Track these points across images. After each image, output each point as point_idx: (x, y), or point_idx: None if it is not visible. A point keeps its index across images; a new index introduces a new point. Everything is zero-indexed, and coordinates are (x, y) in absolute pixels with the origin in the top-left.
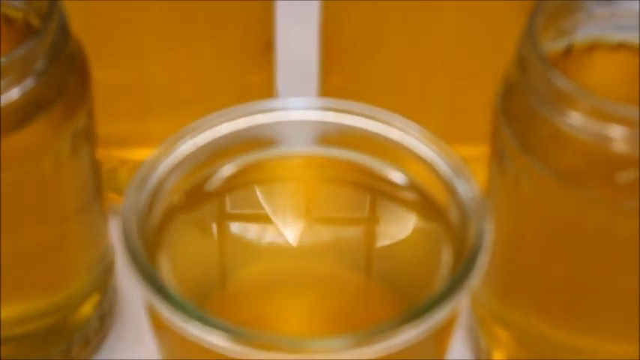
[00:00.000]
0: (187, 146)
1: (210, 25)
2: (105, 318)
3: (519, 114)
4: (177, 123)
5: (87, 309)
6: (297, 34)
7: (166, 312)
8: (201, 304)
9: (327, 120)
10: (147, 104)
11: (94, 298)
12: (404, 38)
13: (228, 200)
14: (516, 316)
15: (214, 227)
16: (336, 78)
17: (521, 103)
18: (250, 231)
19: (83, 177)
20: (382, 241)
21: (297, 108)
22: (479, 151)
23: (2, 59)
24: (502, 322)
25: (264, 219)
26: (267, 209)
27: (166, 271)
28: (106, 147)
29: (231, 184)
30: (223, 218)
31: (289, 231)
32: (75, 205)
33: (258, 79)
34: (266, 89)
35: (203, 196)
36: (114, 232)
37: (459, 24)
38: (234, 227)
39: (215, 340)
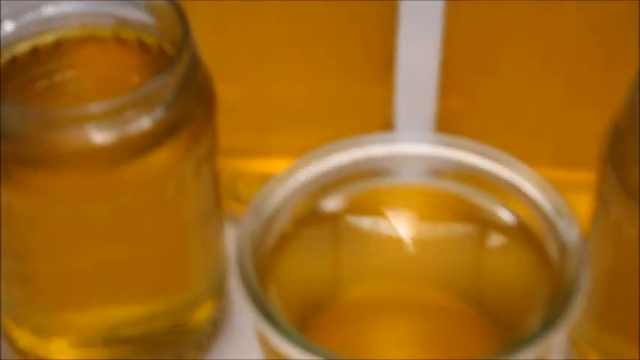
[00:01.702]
0: (302, 175)
1: (333, 44)
2: (218, 323)
3: (626, 160)
4: (296, 137)
5: (201, 314)
6: (418, 55)
7: (274, 338)
8: (307, 327)
9: (436, 154)
10: (268, 119)
11: (209, 304)
12: (523, 62)
13: (338, 227)
14: (612, 343)
15: (324, 252)
16: (455, 99)
17: (628, 150)
18: (357, 256)
19: (204, 192)
20: (484, 272)
21: (409, 141)
22: (591, 177)
23: (134, 92)
24: (597, 348)
25: (372, 245)
26: (377, 236)
27: (276, 294)
28: (227, 157)
29: (343, 211)
30: (333, 244)
31: (397, 257)
32: (194, 218)
33: (377, 98)
34: (384, 108)
35: (315, 222)
36: (230, 239)
37: (580, 49)
38: (342, 253)
39: None
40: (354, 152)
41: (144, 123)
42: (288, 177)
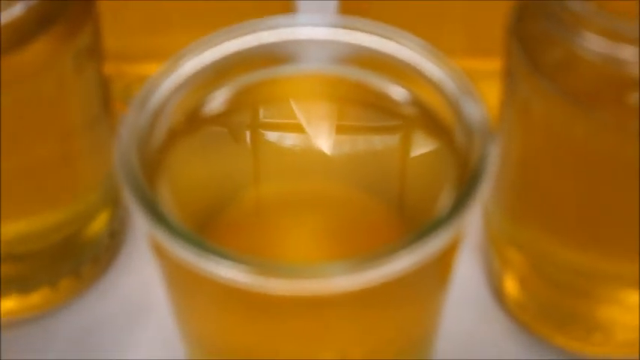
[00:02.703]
0: (191, 65)
1: None
2: (115, 235)
3: (531, 34)
4: (192, 38)
5: (97, 226)
6: None
7: (164, 238)
8: (202, 229)
9: (335, 38)
10: (162, 20)
11: (105, 215)
12: None
13: (231, 121)
14: (528, 237)
15: (216, 148)
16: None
17: (533, 24)
18: (251, 152)
19: (88, 93)
20: (388, 162)
21: (305, 25)
22: (497, 64)
23: None
24: (514, 243)
25: (270, 141)
26: (272, 129)
27: (167, 194)
28: (122, 62)
29: (236, 103)
30: (228, 141)
31: (297, 152)
32: (80, 122)
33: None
34: (284, 9)
35: (206, 116)
36: None
37: None
38: (236, 148)
39: (211, 266)
40: (247, 39)
41: (16, 10)
42: (176, 67)
